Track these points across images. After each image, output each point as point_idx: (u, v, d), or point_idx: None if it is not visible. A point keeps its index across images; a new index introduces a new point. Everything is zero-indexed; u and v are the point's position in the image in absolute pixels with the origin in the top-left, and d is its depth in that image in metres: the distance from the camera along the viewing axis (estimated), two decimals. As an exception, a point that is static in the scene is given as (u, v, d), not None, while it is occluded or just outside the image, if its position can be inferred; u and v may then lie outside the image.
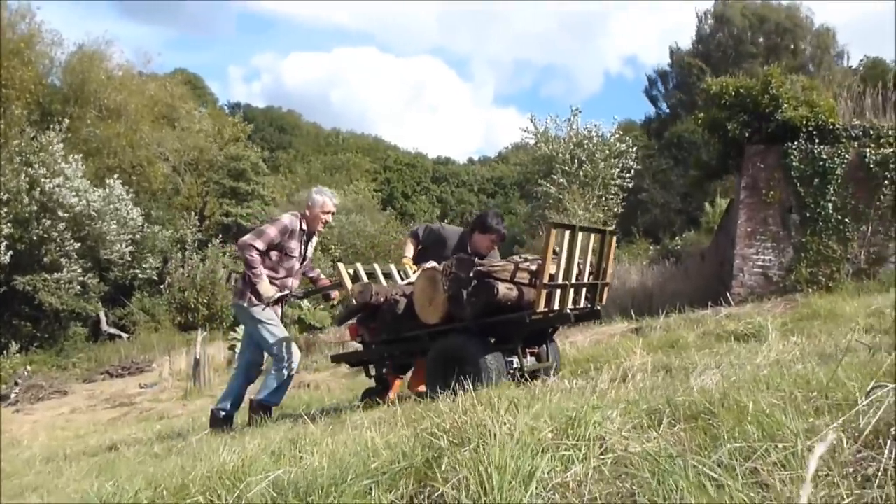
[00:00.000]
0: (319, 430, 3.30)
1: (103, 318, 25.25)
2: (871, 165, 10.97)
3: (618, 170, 20.61)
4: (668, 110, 38.14)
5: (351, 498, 1.89)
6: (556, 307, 4.54)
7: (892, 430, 1.27)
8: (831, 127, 11.28)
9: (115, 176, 25.87)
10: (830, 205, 11.15)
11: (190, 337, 21.10)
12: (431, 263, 5.14)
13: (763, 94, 11.50)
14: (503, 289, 4.42)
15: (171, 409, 12.98)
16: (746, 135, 11.71)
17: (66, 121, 25.60)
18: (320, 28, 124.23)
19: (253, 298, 5.31)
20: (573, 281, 4.59)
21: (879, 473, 1.16)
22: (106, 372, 20.25)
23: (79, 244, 23.43)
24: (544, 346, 5.21)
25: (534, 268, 4.62)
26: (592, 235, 4.85)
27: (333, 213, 5.74)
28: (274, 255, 5.38)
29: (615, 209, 20.19)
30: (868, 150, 11.05)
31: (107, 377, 19.79)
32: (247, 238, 5.36)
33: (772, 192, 11.42)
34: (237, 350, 18.45)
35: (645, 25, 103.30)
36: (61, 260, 23.03)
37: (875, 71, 29.10)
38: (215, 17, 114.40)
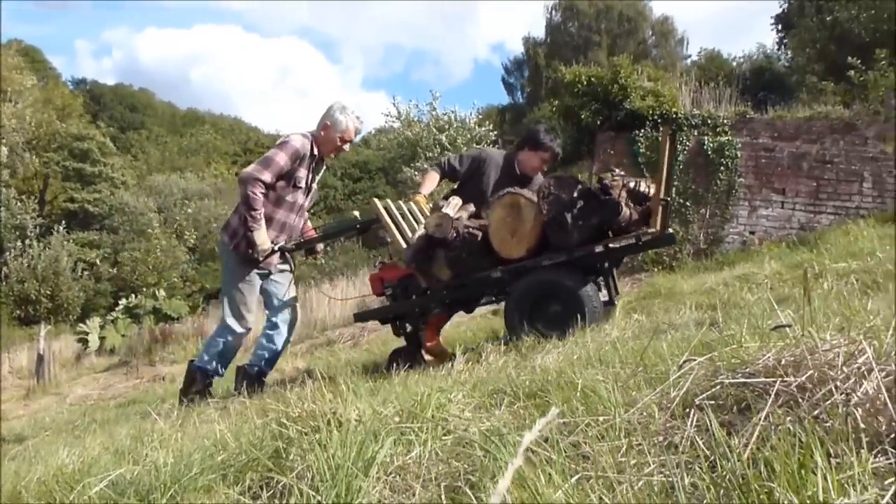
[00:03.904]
0: (168, 425, 3.18)
1: (-72, 314, 23.05)
2: (709, 152, 11.80)
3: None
4: (524, 97, 39.47)
5: (194, 494, 1.84)
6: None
7: (696, 399, 1.40)
8: (674, 116, 12.04)
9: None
10: (673, 189, 11.92)
11: (32, 331, 19.72)
12: (455, 199, 4.50)
13: (613, 83, 12.10)
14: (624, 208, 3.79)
15: (10, 409, 12.05)
16: (598, 122, 12.29)
17: None
18: (179, 3, 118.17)
19: (241, 245, 4.44)
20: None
21: (683, 440, 1.27)
22: (-67, 373, 18.48)
23: None
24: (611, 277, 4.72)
25: (632, 185, 4.05)
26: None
27: (352, 142, 4.72)
28: (280, 185, 4.44)
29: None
30: (706, 138, 11.88)
31: (-66, 378, 18.08)
32: (251, 169, 4.38)
33: (621, 177, 12.07)
34: (89, 343, 17.51)
35: (511, 13, 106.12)
36: None
37: (713, 63, 31.32)
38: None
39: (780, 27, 28.67)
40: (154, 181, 38.61)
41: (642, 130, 11.94)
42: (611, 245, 4.02)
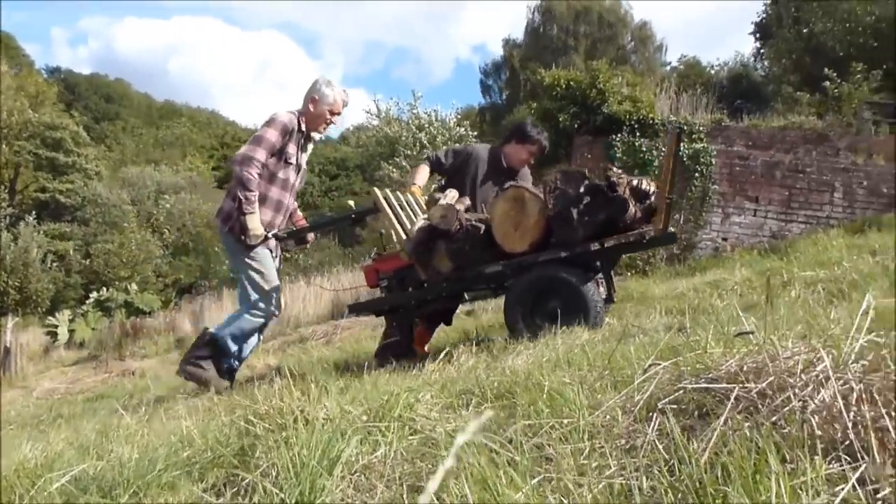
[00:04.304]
0: (135, 421, 3.14)
1: None
2: (685, 159, 11.92)
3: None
4: (503, 100, 39.72)
5: (157, 490, 1.83)
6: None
7: (659, 403, 1.41)
8: (651, 122, 12.15)
9: None
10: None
11: (-1, 323, 19.34)
12: (452, 192, 4.47)
13: (591, 87, 12.19)
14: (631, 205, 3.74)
15: (-26, 402, 11.86)
16: (576, 126, 12.37)
17: None
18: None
19: (236, 228, 4.36)
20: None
21: (645, 444, 1.28)
22: None
23: None
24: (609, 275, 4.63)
25: (635, 182, 4.00)
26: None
27: (340, 115, 4.67)
28: (271, 161, 4.37)
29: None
30: (682, 144, 11.99)
31: None
32: (245, 150, 4.30)
33: (597, 182, 12.17)
34: (58, 336, 17.25)
35: (494, 14, 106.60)
36: None
37: (692, 70, 31.67)
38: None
39: (758, 36, 29.06)
40: (128, 173, 38.15)
41: (619, 135, 12.03)
42: (615, 242, 3.93)
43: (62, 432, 3.37)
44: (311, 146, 4.76)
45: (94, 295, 20.21)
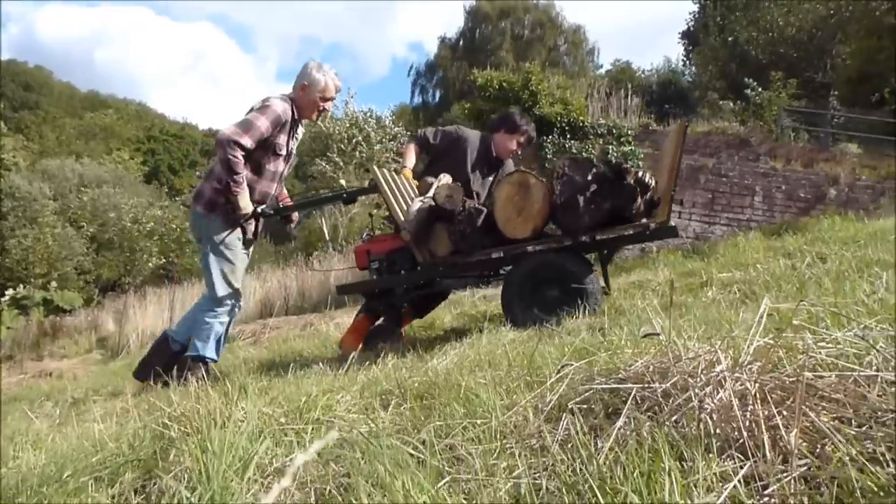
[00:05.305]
0: (45, 425, 3.04)
1: None
2: (613, 161, 12.19)
3: (393, 153, 21.03)
4: (437, 99, 39.92)
5: (65, 496, 1.77)
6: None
7: (570, 403, 1.45)
8: (581, 124, 12.41)
9: None
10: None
11: None
12: (446, 177, 4.36)
13: (524, 89, 12.37)
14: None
15: None
16: (508, 127, 12.51)
17: None
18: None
19: (219, 209, 4.13)
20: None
21: (553, 444, 1.31)
22: None
23: None
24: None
25: (639, 174, 3.89)
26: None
27: (333, 101, 4.51)
28: (259, 153, 4.15)
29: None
30: (611, 146, 12.30)
31: None
32: (229, 132, 4.03)
33: (529, 182, 12.36)
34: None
35: (430, 14, 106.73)
36: None
37: (623, 74, 32.43)
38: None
39: (686, 43, 29.98)
40: (48, 165, 36.68)
41: (550, 137, 12.24)
42: (620, 234, 3.92)
43: (-32, 437, 3.23)
44: (301, 130, 4.58)
45: (9, 292, 19.36)
